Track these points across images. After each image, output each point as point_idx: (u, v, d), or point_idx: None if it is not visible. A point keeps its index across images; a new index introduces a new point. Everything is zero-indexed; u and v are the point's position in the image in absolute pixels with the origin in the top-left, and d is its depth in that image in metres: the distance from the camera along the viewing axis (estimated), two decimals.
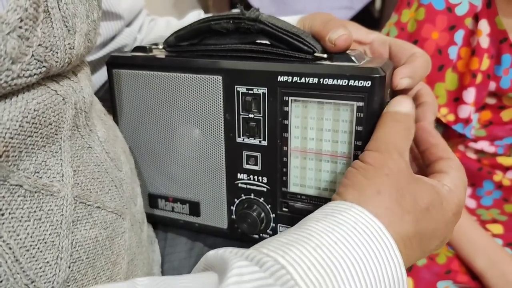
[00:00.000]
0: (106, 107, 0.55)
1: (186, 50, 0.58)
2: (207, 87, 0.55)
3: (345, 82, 0.48)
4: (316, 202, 0.54)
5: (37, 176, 0.37)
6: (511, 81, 0.97)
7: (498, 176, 1.04)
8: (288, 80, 0.50)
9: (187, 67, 0.55)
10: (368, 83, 0.47)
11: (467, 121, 0.98)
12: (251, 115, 0.54)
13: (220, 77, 0.54)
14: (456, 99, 0.99)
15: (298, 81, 0.50)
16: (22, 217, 0.36)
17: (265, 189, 0.56)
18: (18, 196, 0.36)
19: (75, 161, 0.41)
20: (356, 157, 0.49)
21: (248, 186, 0.57)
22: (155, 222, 0.67)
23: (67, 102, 0.40)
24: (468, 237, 0.93)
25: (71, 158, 0.41)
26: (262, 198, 0.56)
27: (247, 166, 0.56)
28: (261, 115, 0.53)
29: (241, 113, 0.54)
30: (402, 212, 0.40)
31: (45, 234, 0.38)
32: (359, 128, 0.49)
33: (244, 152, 0.55)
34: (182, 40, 0.58)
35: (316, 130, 0.51)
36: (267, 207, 0.57)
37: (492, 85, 0.97)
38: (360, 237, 0.36)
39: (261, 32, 0.53)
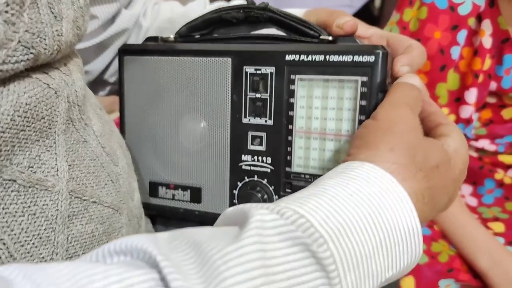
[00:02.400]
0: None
1: (197, 40, 0.61)
2: (216, 69, 0.57)
3: (350, 58, 0.50)
4: None
5: (31, 171, 0.37)
6: None
7: (499, 174, 1.04)
8: (296, 59, 0.53)
9: (197, 51, 0.57)
10: (372, 58, 0.50)
11: (468, 122, 0.98)
12: (258, 95, 0.55)
13: (230, 59, 0.56)
14: (457, 99, 0.99)
15: (305, 59, 0.52)
16: (16, 212, 0.36)
17: (269, 170, 0.56)
18: (12, 191, 0.35)
19: (70, 155, 0.41)
20: None
21: (252, 168, 0.57)
22: (154, 214, 0.66)
23: (59, 96, 0.40)
24: (470, 236, 0.92)
25: (66, 152, 0.40)
26: (266, 180, 0.57)
27: (252, 147, 0.57)
28: (268, 94, 0.55)
29: (248, 93, 0.55)
30: (415, 168, 0.41)
31: (40, 229, 0.37)
32: (363, 103, 0.51)
33: (249, 132, 0.56)
34: (193, 30, 0.61)
35: (320, 109, 0.53)
36: (270, 188, 0.57)
37: (493, 85, 0.97)
38: (374, 190, 0.38)
39: (269, 20, 0.57)
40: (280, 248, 0.33)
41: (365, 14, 2.06)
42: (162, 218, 0.69)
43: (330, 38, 0.55)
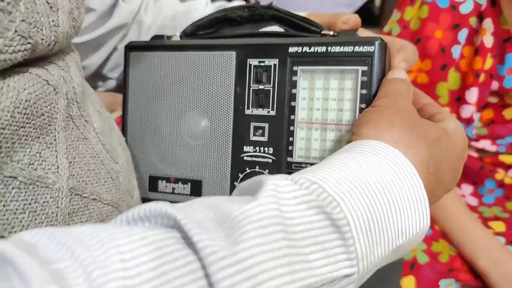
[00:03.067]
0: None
1: (203, 38, 0.63)
2: (221, 63, 0.58)
3: (350, 48, 0.53)
4: None
5: (32, 168, 0.37)
6: None
7: (500, 174, 1.03)
8: (299, 51, 0.55)
9: (203, 46, 0.60)
10: (372, 48, 0.52)
11: (468, 121, 0.97)
12: (261, 87, 0.57)
13: (234, 52, 0.58)
14: (458, 99, 0.99)
15: (308, 50, 0.54)
16: (17, 209, 0.36)
17: (270, 160, 0.57)
18: (13, 188, 0.35)
19: (71, 152, 0.41)
20: None
21: (254, 159, 0.58)
22: None
23: (58, 93, 0.40)
24: (471, 236, 0.92)
25: (66, 150, 0.40)
26: (267, 170, 0.58)
27: (254, 138, 0.58)
28: (271, 85, 0.56)
29: (252, 85, 0.57)
30: (416, 138, 0.43)
31: (40, 227, 0.37)
32: (364, 92, 0.53)
33: (252, 123, 0.57)
34: (199, 29, 0.63)
35: (322, 100, 0.54)
36: None
37: (495, 85, 0.97)
38: (381, 161, 0.40)
39: (273, 18, 0.60)
40: (296, 210, 0.34)
41: (366, 13, 2.06)
42: None
43: (332, 33, 0.57)
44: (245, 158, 0.58)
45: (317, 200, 0.35)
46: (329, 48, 0.53)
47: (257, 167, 0.58)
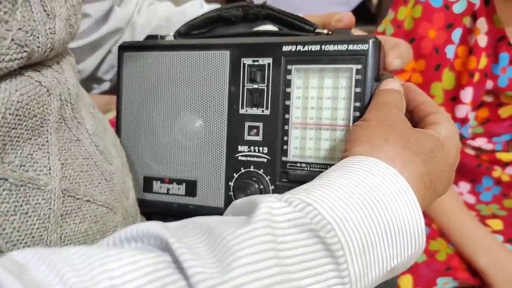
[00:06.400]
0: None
1: (196, 37, 0.63)
2: (214, 62, 0.58)
3: (344, 47, 0.52)
4: (316, 168, 0.55)
5: (23, 170, 0.37)
6: (509, 79, 0.96)
7: (497, 172, 1.04)
8: (293, 50, 0.54)
9: (196, 45, 0.59)
10: (366, 46, 0.52)
11: (463, 121, 0.98)
12: (255, 86, 0.56)
13: (228, 52, 0.58)
14: (453, 99, 0.99)
15: (302, 49, 0.54)
16: (8, 211, 0.35)
17: (265, 160, 0.57)
18: (3, 190, 0.35)
19: (63, 154, 0.41)
20: (355, 119, 0.52)
21: (248, 158, 0.58)
22: (149, 211, 0.66)
23: (51, 94, 0.39)
24: (469, 234, 0.92)
25: (58, 151, 0.40)
26: (262, 170, 0.57)
27: (249, 138, 0.57)
28: (265, 85, 0.56)
29: (246, 84, 0.57)
30: (412, 154, 0.43)
31: (32, 229, 0.37)
32: (358, 90, 0.53)
33: (246, 123, 0.57)
34: (193, 29, 0.63)
35: (316, 99, 0.54)
36: (266, 178, 0.57)
37: (489, 84, 0.97)
38: (378, 181, 0.39)
39: (267, 17, 0.61)
40: (289, 234, 0.34)
41: (362, 11, 2.06)
42: (157, 216, 0.68)
43: (325, 31, 0.57)
44: (239, 158, 0.58)
45: (311, 224, 0.34)
46: (323, 46, 0.53)
47: (251, 166, 0.58)
